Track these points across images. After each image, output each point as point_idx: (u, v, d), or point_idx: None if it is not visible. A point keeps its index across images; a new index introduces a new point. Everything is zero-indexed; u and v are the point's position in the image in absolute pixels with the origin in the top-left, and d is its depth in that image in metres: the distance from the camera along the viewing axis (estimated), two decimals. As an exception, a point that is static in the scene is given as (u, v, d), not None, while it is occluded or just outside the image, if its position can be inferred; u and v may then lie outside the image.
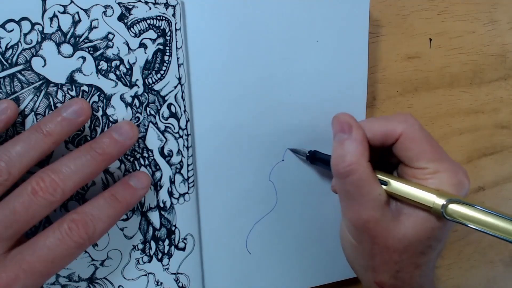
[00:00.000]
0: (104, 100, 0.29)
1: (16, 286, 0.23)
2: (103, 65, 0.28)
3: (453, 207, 0.26)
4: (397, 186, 0.28)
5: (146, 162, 0.31)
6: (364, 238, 0.29)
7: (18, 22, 0.26)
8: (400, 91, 0.39)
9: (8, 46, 0.26)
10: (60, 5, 0.27)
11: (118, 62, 0.28)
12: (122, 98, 0.29)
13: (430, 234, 0.28)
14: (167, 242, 0.32)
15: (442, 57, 0.41)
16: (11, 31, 0.26)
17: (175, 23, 0.29)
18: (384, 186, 0.29)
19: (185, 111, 0.31)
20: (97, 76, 0.28)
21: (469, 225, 0.26)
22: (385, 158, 0.31)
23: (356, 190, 0.28)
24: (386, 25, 0.38)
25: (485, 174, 0.46)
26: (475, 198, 0.46)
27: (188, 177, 0.32)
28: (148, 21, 0.28)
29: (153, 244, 0.32)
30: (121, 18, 0.28)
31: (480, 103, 0.44)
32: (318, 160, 0.33)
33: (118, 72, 0.29)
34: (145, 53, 0.29)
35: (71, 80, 0.28)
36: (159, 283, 0.32)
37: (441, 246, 0.30)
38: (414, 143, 0.28)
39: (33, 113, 0.28)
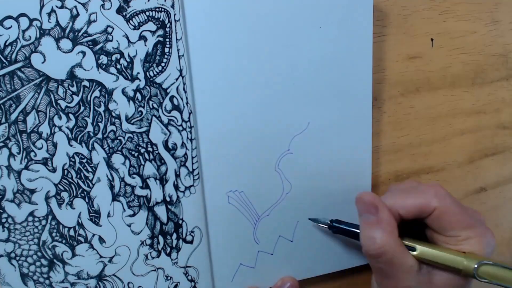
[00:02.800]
0: (106, 95, 0.29)
1: None
2: (103, 59, 0.28)
3: (485, 269, 0.28)
4: (426, 252, 0.30)
5: (151, 156, 0.30)
6: None
7: (16, 19, 0.26)
8: (401, 91, 0.39)
9: (7, 43, 0.26)
10: (58, -1, 0.26)
11: (118, 56, 0.28)
12: (124, 92, 0.29)
13: None
14: (174, 236, 0.32)
15: (443, 57, 0.40)
16: (9, 28, 0.26)
17: (174, 14, 0.29)
18: (412, 252, 0.30)
19: (187, 103, 0.31)
20: (98, 70, 0.28)
21: (501, 284, 0.28)
22: (412, 221, 0.32)
23: (389, 268, 0.30)
24: (387, 25, 0.37)
25: (486, 175, 0.46)
26: (477, 199, 0.46)
27: (193, 170, 0.32)
28: (147, 13, 0.28)
29: (161, 238, 0.32)
30: (119, 10, 0.28)
31: (481, 104, 0.43)
32: (342, 231, 0.34)
33: (118, 66, 0.28)
34: (145, 45, 0.29)
35: (71, 75, 0.28)
36: (168, 278, 0.32)
37: None
38: (448, 216, 0.30)
39: (34, 110, 0.27)
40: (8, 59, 0.26)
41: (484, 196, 0.46)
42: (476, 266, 0.28)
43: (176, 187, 0.31)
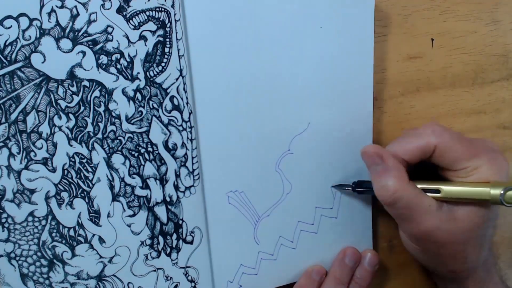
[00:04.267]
0: (106, 95, 0.29)
1: None
2: (104, 59, 0.28)
3: (511, 193, 0.28)
4: (450, 190, 0.30)
5: (151, 156, 0.30)
6: (427, 245, 0.32)
7: (16, 18, 0.26)
8: (401, 91, 0.39)
9: (7, 43, 0.26)
10: (58, -1, 0.26)
11: (118, 56, 0.28)
12: (124, 92, 0.29)
13: (485, 219, 0.30)
14: (174, 236, 0.32)
15: (444, 57, 0.40)
16: (9, 27, 0.26)
17: (175, 14, 0.29)
18: (437, 194, 0.30)
19: (187, 103, 0.31)
20: (98, 70, 0.28)
21: None
22: (423, 163, 0.32)
23: (407, 212, 0.30)
24: (387, 25, 0.37)
25: None
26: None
27: (193, 170, 0.32)
28: (147, 13, 0.28)
29: (161, 239, 0.32)
30: (119, 10, 0.28)
31: (482, 104, 0.43)
32: (366, 189, 0.35)
33: (119, 66, 0.28)
34: (146, 45, 0.29)
35: (71, 75, 0.28)
36: (169, 278, 0.32)
37: (495, 221, 0.33)
38: (450, 151, 0.30)
39: (34, 110, 0.27)
40: (8, 59, 0.26)
41: (485, 196, 0.46)
42: (502, 192, 0.28)
43: (176, 187, 0.31)
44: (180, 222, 0.32)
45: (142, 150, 0.30)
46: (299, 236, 0.36)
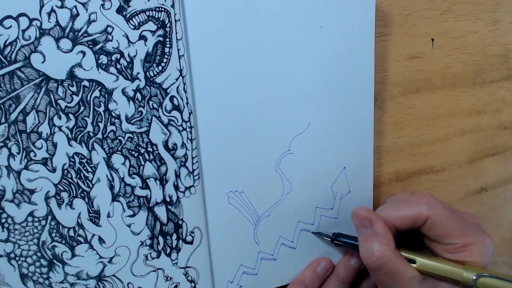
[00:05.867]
0: (106, 95, 0.29)
1: None
2: (103, 59, 0.28)
3: (483, 280, 0.28)
4: (426, 263, 0.30)
5: (151, 156, 0.30)
6: None
7: (15, 18, 0.26)
8: (402, 91, 0.39)
9: (7, 43, 0.26)
10: (58, -1, 0.26)
11: (118, 56, 0.28)
12: (124, 92, 0.29)
13: None
14: (174, 236, 0.32)
15: (444, 57, 0.40)
16: (9, 27, 0.26)
17: (175, 14, 0.29)
18: (412, 264, 0.30)
19: (187, 103, 0.31)
20: (98, 70, 0.28)
21: None
22: (412, 231, 0.32)
23: (390, 280, 0.30)
24: (388, 25, 0.37)
25: (487, 175, 0.46)
26: (477, 199, 0.46)
27: (193, 170, 0.32)
28: (147, 13, 0.28)
29: (161, 239, 0.32)
30: (119, 10, 0.27)
31: (482, 104, 0.43)
32: (344, 243, 0.35)
33: (118, 66, 0.28)
34: (145, 45, 0.29)
35: (71, 75, 0.28)
36: (168, 278, 0.32)
37: None
38: (441, 224, 0.30)
39: (34, 110, 0.27)
40: (8, 59, 0.26)
41: (485, 196, 0.46)
42: (474, 278, 0.28)
43: (176, 188, 0.31)
44: (180, 222, 0.32)
45: (142, 150, 0.30)
46: (299, 236, 0.36)
